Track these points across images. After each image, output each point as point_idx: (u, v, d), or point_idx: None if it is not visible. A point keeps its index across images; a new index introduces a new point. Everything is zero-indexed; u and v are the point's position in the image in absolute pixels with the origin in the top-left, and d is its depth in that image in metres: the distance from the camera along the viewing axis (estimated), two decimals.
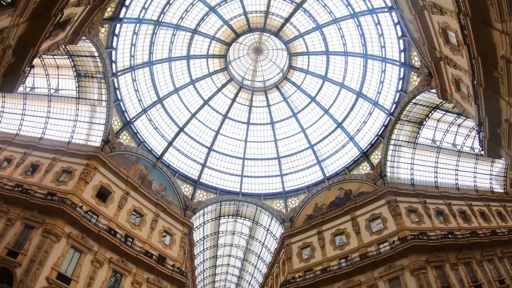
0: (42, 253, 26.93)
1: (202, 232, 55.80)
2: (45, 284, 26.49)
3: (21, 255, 26.63)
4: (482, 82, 20.27)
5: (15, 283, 25.21)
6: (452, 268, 35.43)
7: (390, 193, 40.75)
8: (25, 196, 30.29)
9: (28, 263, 26.17)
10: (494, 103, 21.30)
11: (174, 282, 38.54)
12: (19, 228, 28.83)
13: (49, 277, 26.82)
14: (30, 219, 29.13)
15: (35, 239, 27.75)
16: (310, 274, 40.85)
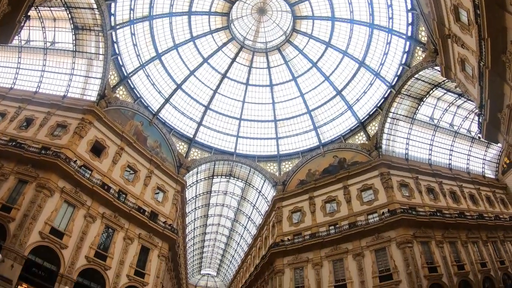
0: (36, 207, 26.98)
1: (194, 191, 56.41)
2: (38, 239, 26.75)
3: (14, 210, 26.67)
4: (489, 65, 19.84)
5: (9, 237, 25.34)
6: (437, 245, 36.31)
7: (384, 165, 40.96)
8: (19, 151, 30.02)
9: (22, 218, 26.24)
10: (498, 87, 21.04)
11: (165, 239, 39.30)
12: (13, 182, 28.76)
13: (42, 232, 27.01)
14: (24, 173, 29.01)
15: (28, 194, 27.74)
16: (299, 238, 41.73)
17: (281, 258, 41.42)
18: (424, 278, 33.23)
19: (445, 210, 41.18)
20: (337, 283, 36.81)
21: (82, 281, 29.57)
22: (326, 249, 38.91)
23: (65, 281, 27.43)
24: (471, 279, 36.15)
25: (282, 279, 40.16)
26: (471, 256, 37.95)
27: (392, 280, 33.89)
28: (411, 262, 33.45)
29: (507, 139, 23.59)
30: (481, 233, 41.24)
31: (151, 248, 37.49)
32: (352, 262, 36.70)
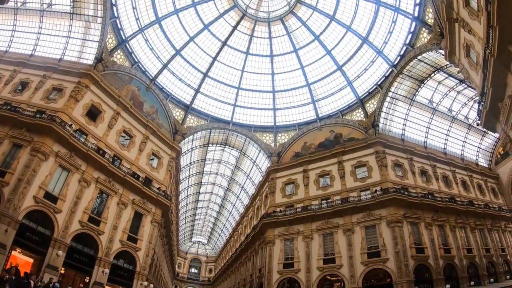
0: (30, 172, 26.81)
1: (189, 158, 56.49)
2: (32, 203, 26.75)
3: (8, 174, 26.48)
4: (494, 53, 19.58)
5: (2, 202, 25.26)
6: (426, 227, 37.05)
7: (380, 144, 41.07)
8: (13, 114, 29.41)
9: (16, 182, 26.09)
10: (501, 77, 20.91)
11: (158, 205, 39.59)
12: (7, 147, 28.41)
13: (36, 196, 26.98)
14: (18, 137, 28.62)
15: (23, 158, 27.49)
16: (291, 210, 42.15)
17: (273, 229, 41.90)
18: (411, 258, 33.96)
19: (437, 194, 41.59)
20: (326, 256, 37.53)
21: (75, 245, 29.87)
22: (317, 223, 39.42)
23: (58, 246, 27.66)
24: (456, 263, 37.07)
25: (273, 249, 40.77)
26: (458, 241, 38.79)
27: (380, 257, 34.61)
28: (399, 242, 34.03)
29: (505, 129, 23.70)
30: (469, 219, 41.96)
31: (144, 213, 37.79)
32: (342, 237, 37.29)
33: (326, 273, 37.19)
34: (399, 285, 32.37)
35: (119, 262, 34.15)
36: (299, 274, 37.98)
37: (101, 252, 31.63)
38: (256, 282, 44.43)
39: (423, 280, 34.33)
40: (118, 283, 34.32)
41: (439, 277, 34.67)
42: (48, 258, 26.89)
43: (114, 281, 33.42)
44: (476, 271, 38.86)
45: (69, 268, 29.69)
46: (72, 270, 30.38)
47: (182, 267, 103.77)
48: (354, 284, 34.44)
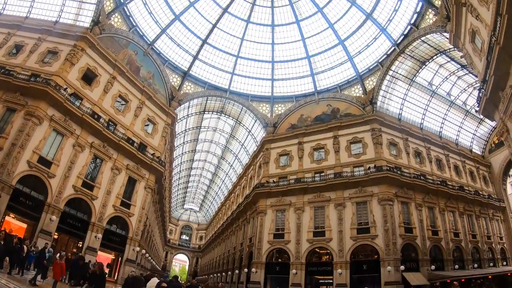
0: (24, 136, 26.50)
1: (184, 125, 56.37)
2: (26, 168, 26.63)
3: (2, 139, 26.10)
4: (501, 41, 19.30)
5: None
6: (416, 208, 37.80)
7: (377, 121, 41.06)
8: (7, 78, 28.67)
9: (9, 147, 25.80)
10: (505, 66, 20.69)
11: (152, 171, 39.79)
12: (1, 111, 27.85)
13: (30, 161, 26.83)
14: (12, 101, 28.03)
15: (16, 122, 27.07)
16: (284, 182, 42.50)
17: (265, 199, 42.32)
18: (399, 236, 34.83)
19: (429, 176, 42.05)
20: (316, 229, 38.19)
21: (69, 210, 30.11)
22: (309, 195, 39.91)
23: (52, 211, 27.84)
24: (442, 246, 38.16)
25: (264, 219, 41.32)
26: (446, 224, 39.69)
27: (369, 233, 35.38)
28: (389, 220, 34.69)
29: (503, 118, 23.60)
30: (459, 204, 42.84)
31: (138, 179, 37.99)
32: (333, 211, 37.85)
33: (315, 245, 37.97)
34: (386, 262, 33.15)
35: (112, 227, 34.66)
36: (289, 245, 38.67)
37: (94, 217, 31.95)
38: (246, 251, 45.21)
39: (409, 259, 35.17)
40: (111, 248, 35.05)
41: (425, 258, 35.65)
42: (42, 223, 27.11)
43: (107, 246, 34.10)
44: (461, 255, 40.10)
45: (62, 233, 30.18)
46: (65, 235, 30.89)
47: (174, 234, 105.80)
48: (342, 258, 35.25)
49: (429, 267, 35.54)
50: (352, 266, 35.31)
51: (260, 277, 38.50)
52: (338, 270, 34.86)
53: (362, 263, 35.73)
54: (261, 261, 39.22)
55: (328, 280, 36.82)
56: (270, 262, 39.89)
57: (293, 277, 36.73)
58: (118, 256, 36.18)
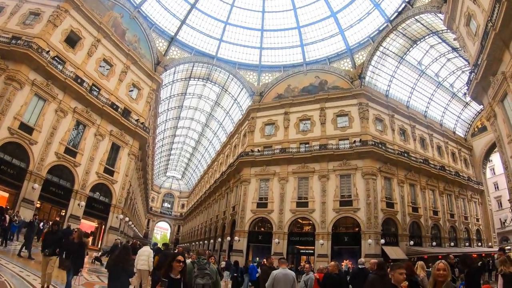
0: (4, 101, 25.55)
1: (169, 91, 55.15)
2: (7, 135, 25.86)
3: None
4: (497, 27, 19.40)
5: None
6: (398, 184, 38.48)
7: (364, 96, 41.03)
8: None
9: None
10: (498, 52, 20.89)
11: (136, 137, 39.43)
12: None
13: (11, 127, 26.02)
14: None
15: None
16: (269, 151, 42.35)
17: (249, 168, 42.32)
18: (381, 211, 35.61)
19: (412, 153, 42.62)
20: (299, 199, 38.59)
21: (51, 178, 29.73)
22: (294, 166, 40.00)
23: (34, 179, 27.39)
24: (422, 222, 39.40)
25: (248, 188, 41.48)
26: (427, 202, 40.87)
27: (351, 206, 36.00)
28: (372, 194, 35.36)
29: (491, 103, 24.00)
30: (439, 183, 43.96)
31: (121, 146, 37.62)
32: (317, 182, 38.16)
33: (298, 216, 38.43)
34: (367, 235, 33.94)
35: (95, 195, 34.47)
36: (272, 214, 39.06)
37: (77, 185, 31.62)
38: (229, 220, 45.60)
39: (389, 233, 36.19)
40: (94, 216, 34.91)
41: (404, 233, 36.76)
42: (24, 192, 26.70)
43: (90, 214, 33.98)
44: (439, 233, 41.62)
45: (45, 201, 29.88)
46: (48, 204, 30.68)
47: (156, 201, 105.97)
48: (324, 229, 35.86)
49: (407, 242, 36.68)
50: (334, 237, 36.00)
51: (242, 246, 38.98)
52: (320, 241, 35.48)
53: (343, 235, 36.54)
54: (244, 230, 39.63)
55: (309, 251, 37.44)
56: (253, 231, 40.30)
57: (275, 246, 37.20)
58: (101, 224, 36.13)
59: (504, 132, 23.34)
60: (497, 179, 61.64)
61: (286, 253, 37.05)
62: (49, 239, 10.11)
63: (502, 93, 21.86)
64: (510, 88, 20.22)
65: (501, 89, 21.64)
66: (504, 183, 58.71)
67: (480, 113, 52.33)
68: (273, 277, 8.26)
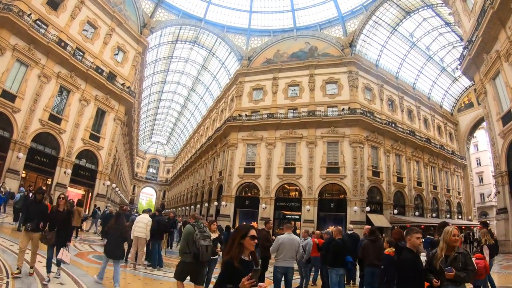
0: None
1: (155, 55, 53.71)
2: None
3: None
4: (495, 6, 19.47)
5: None
6: (385, 153, 39.17)
7: (355, 64, 40.78)
8: None
9: None
10: (494, 30, 20.98)
11: (122, 102, 38.67)
12: None
13: None
14: None
15: None
16: (257, 116, 42.21)
17: (236, 133, 42.25)
18: (367, 179, 36.32)
19: (399, 124, 43.02)
20: (287, 165, 38.85)
21: (36, 146, 29.18)
22: (282, 131, 40.06)
23: (18, 147, 26.81)
24: (406, 192, 40.44)
25: (235, 153, 41.54)
26: (411, 172, 41.81)
27: (338, 173, 36.49)
28: (359, 162, 35.88)
29: (483, 80, 24.28)
30: (424, 155, 44.90)
31: (107, 111, 36.89)
32: (305, 148, 38.36)
33: (285, 181, 38.87)
34: (352, 202, 34.68)
35: (81, 162, 34.11)
36: (259, 179, 39.37)
37: (62, 152, 31.11)
38: (215, 185, 45.74)
39: (374, 202, 37.12)
40: (81, 183, 34.61)
41: (388, 202, 37.80)
42: (8, 162, 26.19)
43: (76, 181, 33.68)
44: (421, 204, 42.93)
45: (30, 170, 29.35)
46: (34, 173, 30.12)
47: (141, 167, 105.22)
48: (311, 195, 36.43)
49: (391, 211, 37.68)
50: (320, 203, 36.66)
51: (229, 211, 39.42)
52: (307, 207, 36.08)
53: (329, 201, 37.13)
54: (231, 195, 39.94)
55: (295, 216, 38.00)
56: (240, 196, 40.67)
57: (262, 211, 37.71)
58: (88, 191, 35.82)
59: (493, 109, 23.66)
60: (480, 155, 64.53)
61: (273, 218, 37.65)
62: (32, 211, 8.61)
63: (495, 71, 22.05)
64: (503, 67, 20.33)
65: (494, 67, 21.80)
66: (486, 160, 62.60)
67: (467, 89, 53.50)
68: (279, 242, 8.32)
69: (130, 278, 9.61)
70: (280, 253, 8.21)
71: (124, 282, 9.18)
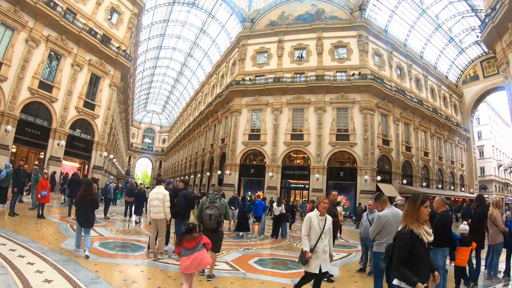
0: None
1: (151, 18, 50.73)
2: None
3: None
4: None
5: None
6: (394, 121, 38.38)
7: (365, 29, 39.12)
8: None
9: None
10: None
11: (117, 67, 36.07)
12: None
13: None
14: None
15: None
16: (261, 80, 40.50)
17: (240, 98, 40.73)
18: (377, 147, 35.29)
19: (408, 93, 41.85)
20: (294, 131, 37.63)
21: (26, 118, 27.05)
22: (288, 96, 38.55)
23: (6, 120, 24.70)
24: (413, 162, 39.86)
25: (239, 119, 40.16)
26: (419, 142, 41.29)
27: (348, 141, 35.36)
28: (369, 129, 34.79)
29: (505, 50, 23.41)
30: (431, 125, 44.47)
31: (102, 76, 34.39)
32: (313, 114, 37.04)
33: (292, 148, 37.59)
34: (363, 170, 33.72)
35: (76, 132, 32.01)
36: (265, 147, 38.11)
37: (55, 123, 28.99)
38: (217, 153, 44.28)
39: (383, 171, 36.34)
40: (76, 156, 32.70)
41: (397, 171, 37.08)
42: None
43: (71, 153, 31.72)
44: (428, 175, 42.59)
45: (21, 144, 27.62)
46: (25, 147, 28.46)
47: (136, 138, 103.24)
48: (320, 163, 35.21)
49: (400, 181, 36.88)
50: (329, 172, 35.58)
51: (234, 180, 38.26)
52: (316, 175, 34.95)
53: (339, 169, 36.15)
54: (235, 163, 38.76)
55: (300, 185, 37.69)
56: (244, 164, 39.56)
57: (269, 180, 36.69)
58: (84, 164, 34.01)
59: None
60: (481, 129, 65.04)
61: (280, 187, 36.92)
62: None
63: None
64: None
65: None
66: (487, 133, 63.94)
67: (473, 61, 53.12)
68: (382, 221, 6.04)
69: (151, 273, 7.53)
70: (383, 236, 5.95)
71: (143, 277, 7.36)
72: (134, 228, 14.42)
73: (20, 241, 8.52)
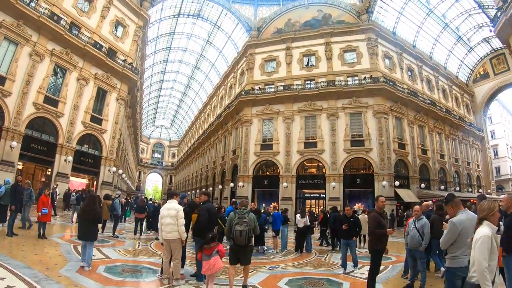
0: None
1: (156, 31, 50.69)
2: None
3: None
4: None
5: None
6: (408, 125, 37.63)
7: (373, 31, 38.50)
8: None
9: None
10: None
11: (124, 80, 35.38)
12: None
13: None
14: None
15: None
16: (271, 89, 39.78)
17: (250, 107, 39.95)
18: (393, 152, 34.35)
19: (420, 94, 41.13)
20: (307, 140, 36.80)
21: (31, 133, 26.29)
22: (300, 104, 37.89)
23: (11, 136, 23.95)
24: (430, 165, 38.99)
25: (249, 129, 39.29)
26: (434, 145, 40.50)
27: (363, 146, 34.49)
28: (384, 133, 33.93)
29: None
30: (445, 127, 43.58)
31: (108, 90, 33.65)
32: (326, 121, 36.28)
33: (306, 157, 36.65)
34: (380, 176, 32.67)
35: (83, 148, 31.19)
36: (278, 157, 37.26)
37: (62, 138, 28.19)
38: (229, 165, 43.34)
39: (400, 176, 35.15)
40: (84, 171, 31.81)
41: (415, 175, 36.10)
42: (1, 153, 23.31)
43: (79, 169, 30.80)
44: (444, 177, 41.45)
45: (27, 161, 26.61)
46: (31, 163, 27.58)
47: (145, 153, 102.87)
48: (335, 171, 34.30)
49: (418, 185, 35.93)
50: (345, 179, 34.70)
51: (247, 191, 37.31)
52: (332, 183, 34.13)
53: (355, 176, 35.22)
54: (248, 175, 37.92)
55: (315, 194, 36.92)
56: (257, 175, 38.75)
57: (283, 190, 35.85)
58: (92, 180, 33.19)
59: None
60: (494, 128, 63.55)
61: (295, 198, 36.02)
62: None
63: None
64: None
65: None
66: (500, 132, 62.70)
67: (483, 59, 52.39)
68: (458, 228, 4.67)
69: None
70: (460, 246, 4.65)
71: None
72: (145, 248, 13.24)
73: (12, 266, 7.39)
